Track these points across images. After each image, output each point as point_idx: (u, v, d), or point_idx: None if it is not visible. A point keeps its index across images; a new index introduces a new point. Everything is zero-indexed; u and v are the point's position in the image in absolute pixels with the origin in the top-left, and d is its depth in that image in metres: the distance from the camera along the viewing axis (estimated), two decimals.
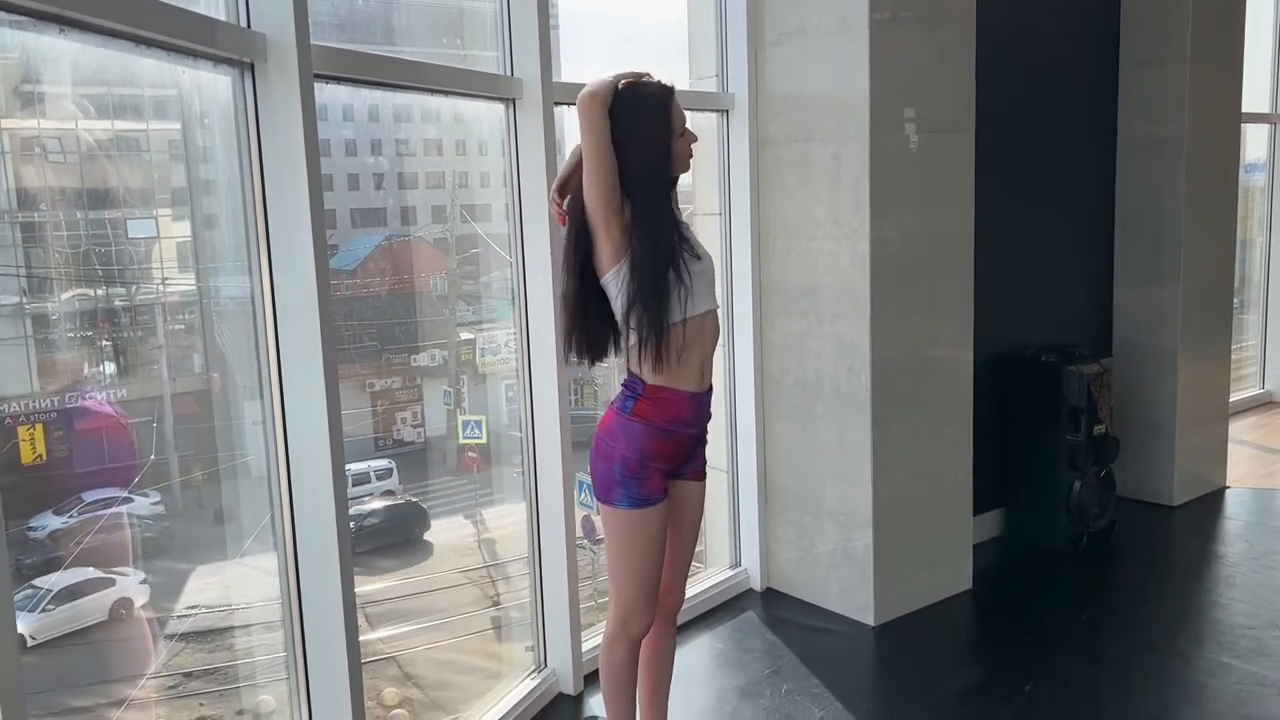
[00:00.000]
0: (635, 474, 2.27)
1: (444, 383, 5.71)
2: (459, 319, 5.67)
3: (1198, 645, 3.39)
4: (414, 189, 6.48)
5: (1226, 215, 4.97)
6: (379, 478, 5.52)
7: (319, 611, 2.26)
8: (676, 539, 2.49)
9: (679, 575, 2.57)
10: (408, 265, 6.00)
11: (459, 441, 5.49)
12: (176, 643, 3.20)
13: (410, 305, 6.06)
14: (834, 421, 3.61)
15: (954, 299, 3.71)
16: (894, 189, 3.46)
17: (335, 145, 6.34)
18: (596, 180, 2.16)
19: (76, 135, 2.87)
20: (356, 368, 5.59)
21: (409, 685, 4.47)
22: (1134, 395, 4.73)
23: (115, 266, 3.06)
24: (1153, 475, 4.78)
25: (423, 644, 4.71)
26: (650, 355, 2.20)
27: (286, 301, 2.17)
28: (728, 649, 3.49)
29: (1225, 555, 4.21)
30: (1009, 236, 4.17)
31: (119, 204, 3.07)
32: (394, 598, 5.10)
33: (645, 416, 2.27)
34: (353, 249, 6.07)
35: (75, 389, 3.11)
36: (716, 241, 3.83)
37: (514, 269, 3.06)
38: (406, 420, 5.74)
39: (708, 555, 4.05)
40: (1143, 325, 4.81)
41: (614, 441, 2.28)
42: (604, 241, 2.19)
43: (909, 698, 3.15)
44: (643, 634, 2.42)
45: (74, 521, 3.01)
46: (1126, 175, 4.84)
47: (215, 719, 3.13)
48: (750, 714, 3.03)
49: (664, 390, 2.26)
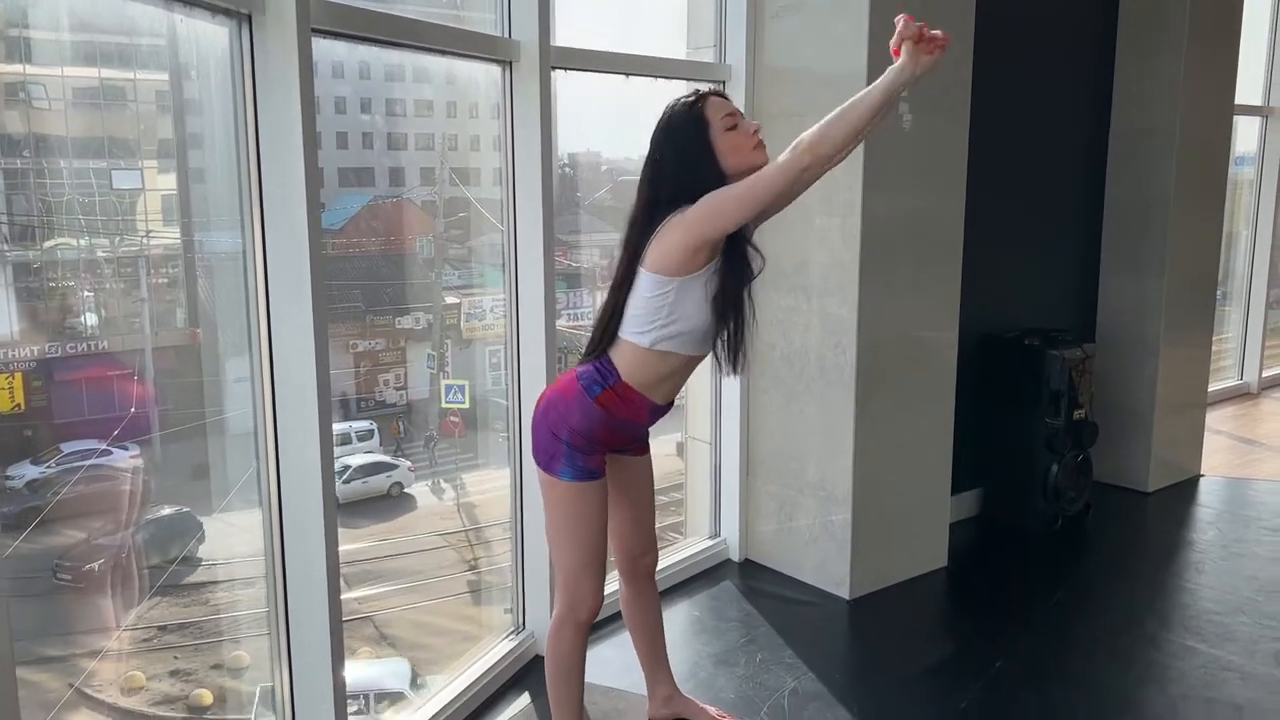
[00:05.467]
0: (581, 449, 2.27)
1: (428, 346, 5.69)
2: (444, 283, 5.65)
3: (1165, 629, 3.45)
4: (403, 150, 6.43)
5: (1214, 207, 5.00)
6: (360, 439, 5.46)
7: (302, 567, 2.27)
8: (636, 502, 2.53)
9: (648, 533, 2.60)
10: (395, 226, 5.94)
11: (441, 405, 5.48)
12: (152, 596, 3.19)
13: (396, 267, 6.02)
14: (818, 397, 3.63)
15: (942, 280, 3.72)
16: (888, 167, 3.46)
17: (325, 102, 6.28)
18: (748, 205, 2.06)
19: (62, 82, 2.81)
20: (340, 328, 5.51)
21: (384, 645, 4.50)
22: (1114, 382, 4.78)
23: (99, 217, 3.02)
24: (1129, 461, 4.84)
25: (399, 605, 4.71)
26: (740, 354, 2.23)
27: (278, 257, 2.16)
28: (704, 617, 3.53)
29: (1196, 542, 4.28)
30: (998, 220, 4.18)
31: (104, 154, 3.02)
32: (371, 558, 5.09)
33: (606, 406, 2.25)
34: (340, 208, 5.97)
35: (56, 340, 3.08)
36: None
37: (505, 235, 3.05)
38: (389, 382, 5.67)
39: (688, 525, 4.09)
40: (1126, 313, 4.85)
41: (567, 414, 2.25)
42: (684, 254, 2.10)
43: (881, 670, 3.20)
44: (592, 618, 2.38)
45: (52, 472, 2.99)
46: (1117, 163, 4.86)
47: (189, 672, 3.15)
48: (725, 681, 3.07)
49: (634, 393, 2.26)
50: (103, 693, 3.02)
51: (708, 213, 2.07)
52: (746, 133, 2.17)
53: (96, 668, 2.96)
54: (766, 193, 2.04)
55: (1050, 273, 4.76)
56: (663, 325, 2.18)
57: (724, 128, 2.16)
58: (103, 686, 3.03)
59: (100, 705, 3.00)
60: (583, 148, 8.49)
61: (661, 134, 2.20)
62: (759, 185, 2.04)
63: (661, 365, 2.24)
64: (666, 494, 4.91)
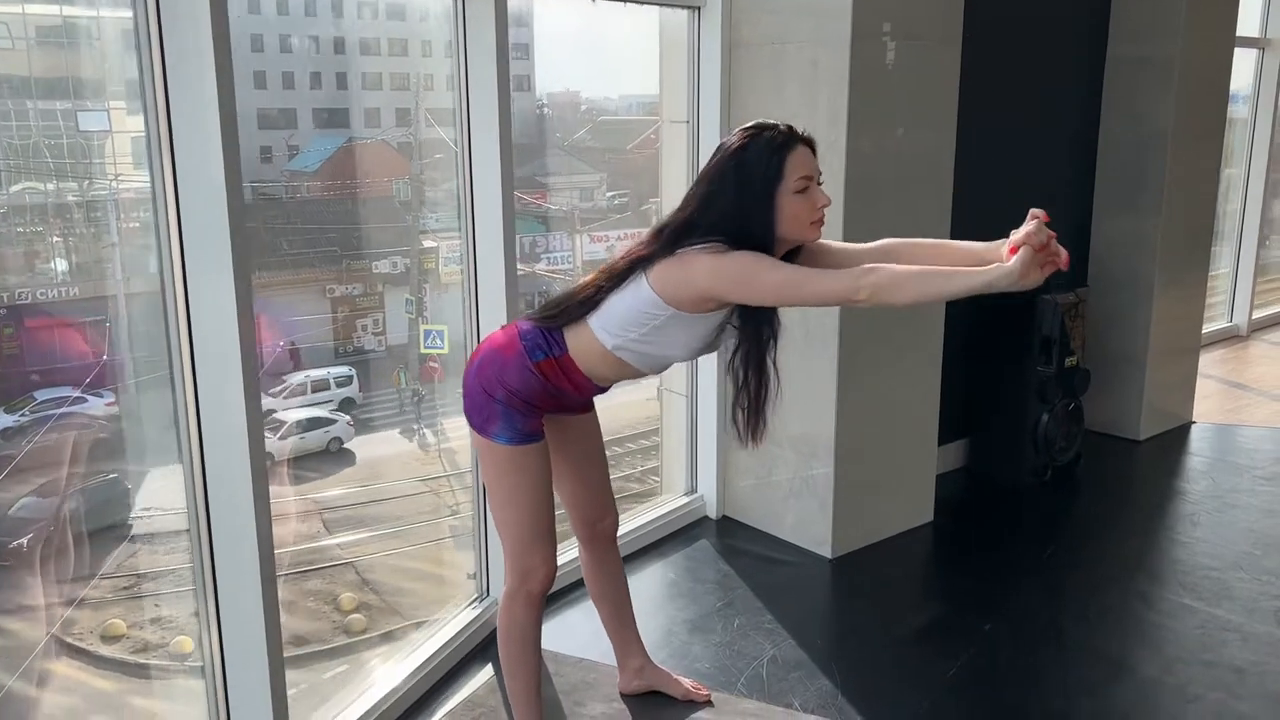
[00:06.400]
0: (520, 410, 2.09)
1: (406, 291, 5.53)
2: (421, 226, 5.47)
3: (1160, 586, 3.31)
4: (378, 90, 6.25)
5: (1212, 143, 4.79)
6: (339, 384, 5.42)
7: (230, 530, 2.05)
8: (585, 463, 2.37)
9: (603, 495, 2.44)
10: (370, 169, 5.78)
11: (420, 351, 5.36)
12: (130, 544, 3.09)
13: (373, 210, 5.88)
14: (799, 345, 3.42)
15: (931, 220, 3.50)
16: (874, 100, 3.22)
17: (300, 43, 6.09)
18: (781, 300, 1.92)
19: (24, 20, 2.67)
20: (316, 272, 5.43)
21: (366, 590, 4.46)
22: (1106, 326, 4.60)
23: (66, 160, 2.91)
24: (1120, 408, 4.69)
25: (380, 550, 4.68)
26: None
27: (191, 200, 1.92)
28: (680, 579, 3.36)
29: (1189, 493, 4.13)
30: (988, 157, 3.95)
31: (69, 95, 2.90)
32: (352, 504, 5.06)
33: (545, 374, 2.09)
34: (314, 150, 5.89)
35: (26, 287, 2.94)
36: (684, 153, 3.59)
37: (459, 174, 2.82)
38: (367, 328, 5.58)
39: (663, 481, 3.91)
40: (1120, 254, 4.65)
41: (504, 373, 2.07)
42: (694, 296, 1.94)
43: (865, 636, 3.05)
44: (545, 589, 2.22)
45: (26, 420, 2.86)
46: (1113, 97, 4.62)
47: (169, 620, 3.04)
48: (700, 649, 2.91)
49: (577, 371, 2.10)
50: (83, 641, 2.95)
51: (738, 278, 1.89)
52: (813, 204, 1.96)
53: (72, 616, 2.86)
54: (804, 302, 1.95)
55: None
56: (635, 340, 2.03)
57: (795, 189, 1.94)
58: (83, 635, 2.96)
59: (81, 653, 2.93)
60: (561, 87, 8.24)
61: (731, 162, 1.96)
62: (802, 291, 1.88)
63: (613, 368, 2.10)
64: (649, 438, 4.78)
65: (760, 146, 1.95)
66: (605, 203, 7.36)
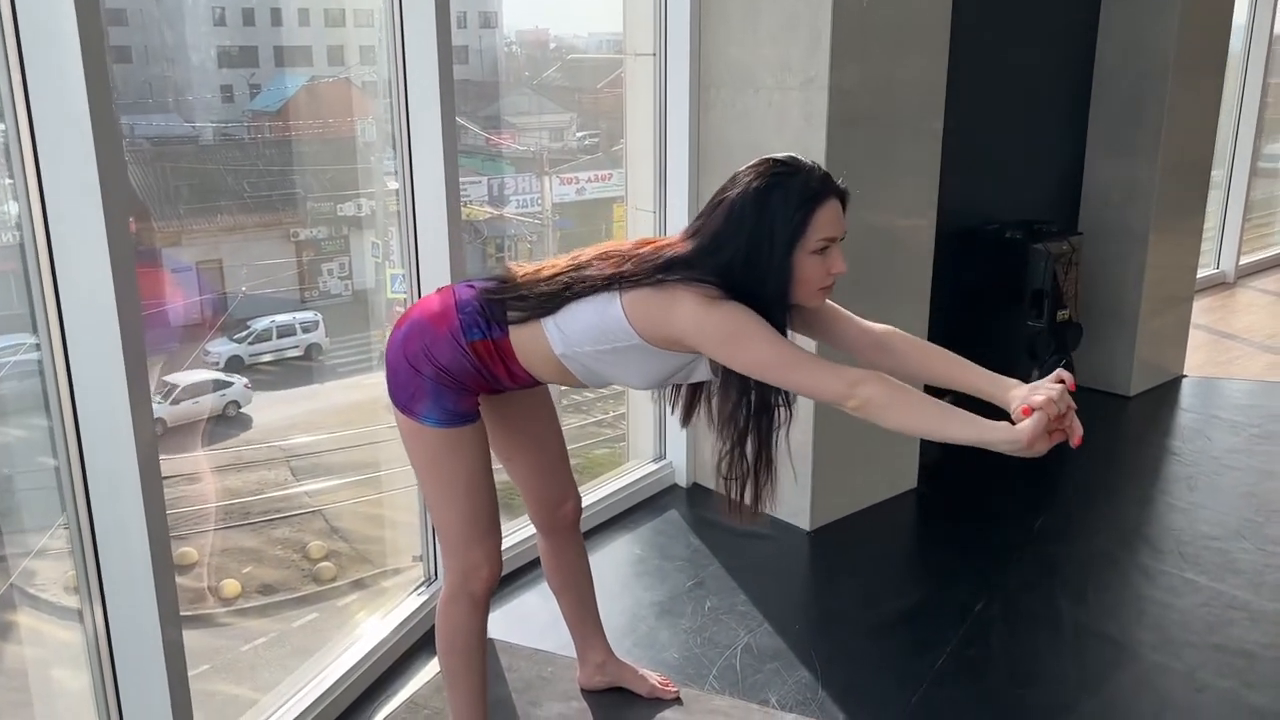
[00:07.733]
0: (451, 388, 1.81)
1: (373, 235, 5.29)
2: (386, 168, 5.18)
3: (1159, 559, 3.10)
4: (340, 27, 5.88)
5: (1213, 80, 4.51)
6: (305, 330, 5.33)
7: (110, 497, 1.76)
8: (537, 443, 2.12)
9: (561, 477, 2.18)
10: (334, 108, 5.46)
11: (387, 295, 5.12)
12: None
13: (336, 151, 5.61)
14: None
15: (918, 163, 3.22)
16: (859, 30, 2.91)
17: None
18: (766, 378, 1.69)
19: None
20: (280, 215, 5.28)
21: (335, 539, 4.38)
22: (1096, 276, 4.35)
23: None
24: (1109, 363, 4.46)
25: (351, 498, 4.58)
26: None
27: (50, 145, 1.59)
28: (647, 556, 3.11)
29: (1184, 453, 3.92)
30: (976, 98, 3.65)
31: None
32: (320, 451, 4.93)
33: (480, 356, 1.81)
34: (275, 89, 5.64)
35: None
36: (650, 89, 3.27)
37: (393, 110, 2.49)
38: (333, 272, 5.42)
39: (630, 447, 3.64)
40: (1114, 200, 4.38)
41: (433, 347, 1.79)
42: (669, 335, 1.71)
43: (846, 619, 2.81)
44: (488, 590, 1.95)
45: None
46: (1109, 29, 4.31)
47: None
48: (669, 636, 2.67)
49: (515, 360, 1.82)
50: (46, 591, 2.68)
51: (724, 338, 1.65)
52: (825, 270, 1.73)
53: (31, 566, 2.61)
54: (784, 386, 1.72)
55: (1034, 156, 4.26)
56: (589, 356, 1.77)
57: (814, 247, 1.70)
58: (45, 585, 2.70)
59: (42, 604, 2.69)
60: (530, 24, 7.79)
61: (753, 204, 1.68)
62: (788, 377, 1.67)
63: (554, 371, 1.83)
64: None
65: (790, 192, 1.68)
66: (575, 143, 7.03)
